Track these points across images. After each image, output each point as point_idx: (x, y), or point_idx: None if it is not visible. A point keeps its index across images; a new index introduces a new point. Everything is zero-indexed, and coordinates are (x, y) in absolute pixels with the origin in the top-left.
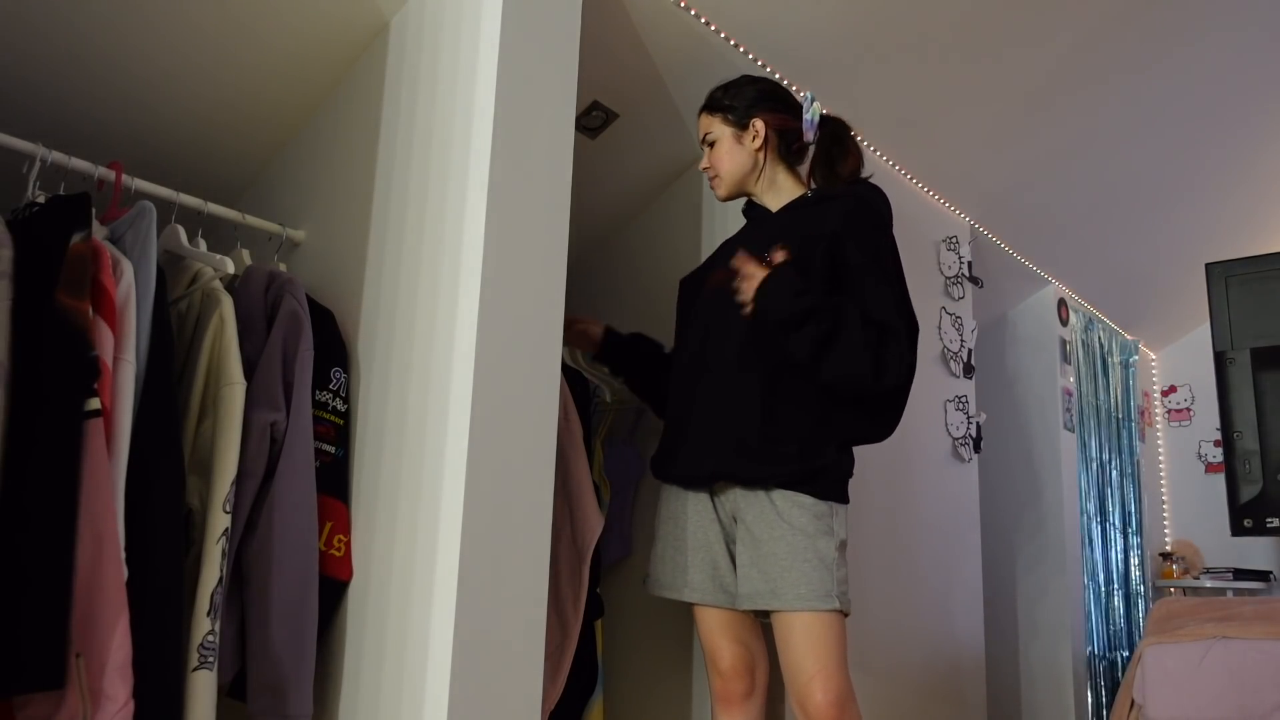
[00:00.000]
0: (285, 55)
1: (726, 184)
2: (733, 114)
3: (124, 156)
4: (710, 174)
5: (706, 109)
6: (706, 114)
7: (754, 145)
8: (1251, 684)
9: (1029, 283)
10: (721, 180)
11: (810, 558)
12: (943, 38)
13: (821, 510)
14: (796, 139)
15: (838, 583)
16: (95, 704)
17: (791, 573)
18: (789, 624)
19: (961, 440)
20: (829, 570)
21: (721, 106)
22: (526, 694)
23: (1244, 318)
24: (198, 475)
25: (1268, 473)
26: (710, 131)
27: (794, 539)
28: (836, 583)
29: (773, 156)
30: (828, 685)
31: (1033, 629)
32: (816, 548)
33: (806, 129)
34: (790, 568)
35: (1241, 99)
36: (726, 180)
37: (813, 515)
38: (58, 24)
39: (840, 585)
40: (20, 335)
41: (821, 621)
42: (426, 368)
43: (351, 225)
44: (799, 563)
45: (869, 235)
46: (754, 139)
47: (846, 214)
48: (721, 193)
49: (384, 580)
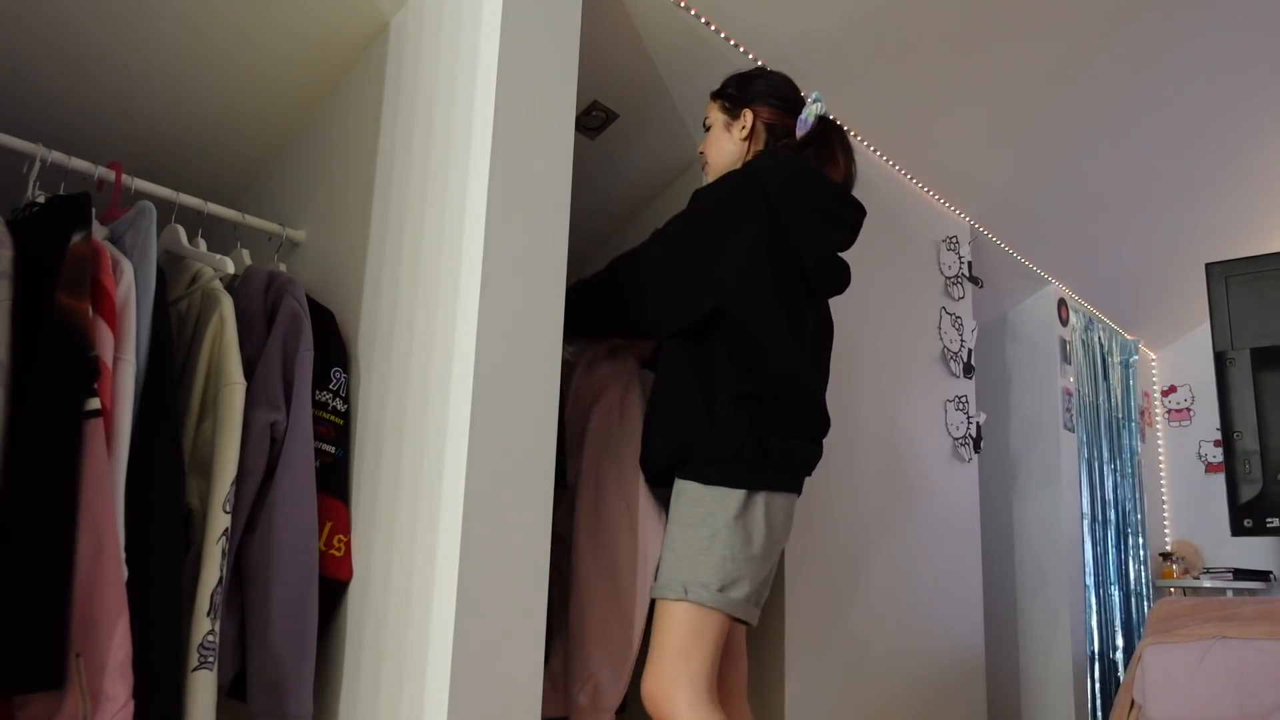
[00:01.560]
0: (285, 55)
1: (712, 170)
2: (729, 101)
3: (124, 156)
4: (702, 160)
5: (714, 95)
6: (712, 100)
7: (740, 135)
8: (1251, 684)
9: (1029, 283)
10: (710, 166)
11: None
12: (943, 38)
13: (702, 497)
14: (786, 135)
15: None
16: (95, 704)
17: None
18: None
19: (961, 440)
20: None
21: (724, 94)
22: (526, 694)
23: (1244, 317)
24: (198, 475)
25: (1268, 473)
26: (709, 116)
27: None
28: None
29: (757, 149)
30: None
31: (1033, 629)
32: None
33: (800, 125)
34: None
35: (1242, 99)
36: (712, 166)
37: (688, 502)
38: (58, 24)
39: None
40: (20, 335)
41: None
42: (426, 368)
43: (351, 225)
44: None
45: (691, 203)
46: (741, 129)
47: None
48: (708, 178)
49: (384, 580)
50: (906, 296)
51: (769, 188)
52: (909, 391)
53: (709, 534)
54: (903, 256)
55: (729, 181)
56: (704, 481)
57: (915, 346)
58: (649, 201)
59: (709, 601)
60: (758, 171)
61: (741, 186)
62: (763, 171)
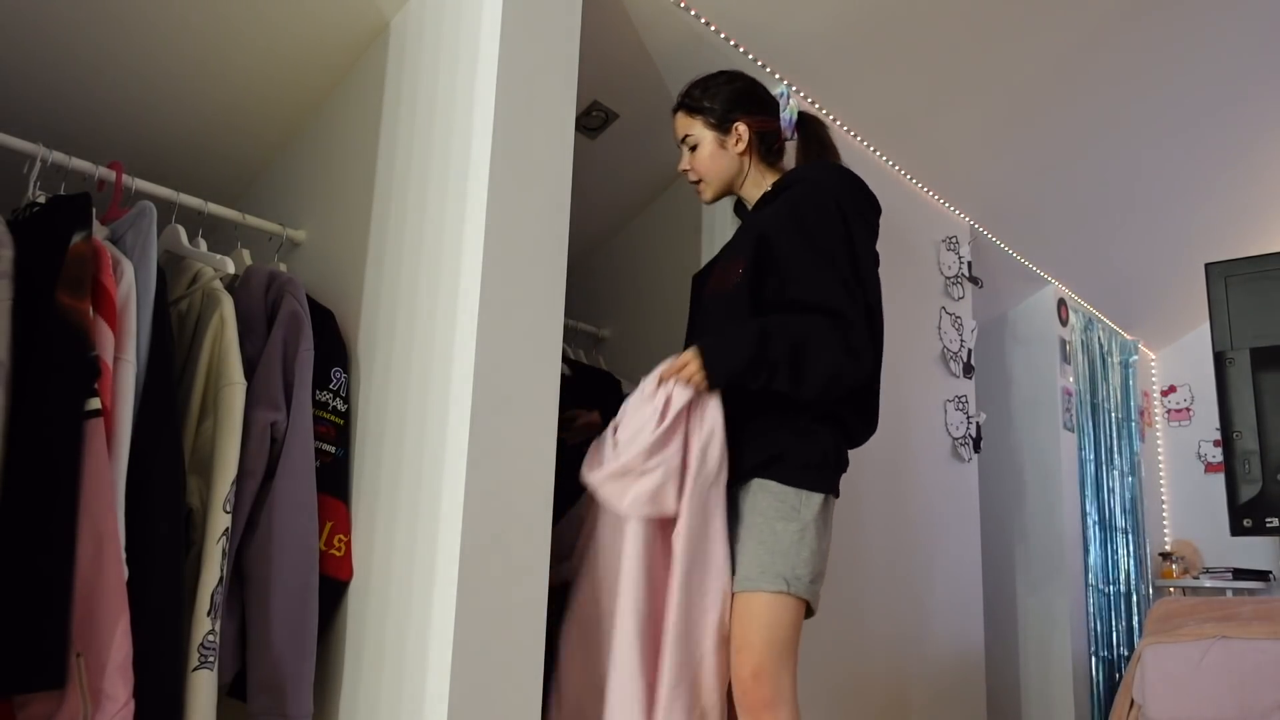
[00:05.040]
0: (286, 55)
1: (714, 188)
2: (713, 116)
3: (124, 156)
4: (693, 178)
5: (685, 109)
6: (685, 114)
7: (737, 150)
8: (1251, 684)
9: (1029, 283)
10: (708, 184)
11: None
12: (943, 38)
13: (789, 496)
14: (776, 139)
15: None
16: (96, 703)
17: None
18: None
19: (961, 440)
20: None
21: (701, 109)
22: (526, 694)
23: (1243, 318)
24: (198, 475)
25: (1267, 473)
26: (690, 134)
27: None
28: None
29: (755, 158)
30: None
31: (1032, 629)
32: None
33: (785, 127)
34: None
35: (1242, 99)
36: (714, 185)
37: (776, 499)
38: (58, 23)
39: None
40: (21, 335)
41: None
42: (426, 368)
43: (351, 225)
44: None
45: (805, 218)
46: (736, 143)
47: (790, 202)
48: (708, 196)
49: (384, 580)
50: (906, 296)
51: (842, 204)
52: (909, 391)
53: (799, 529)
54: (902, 256)
55: (826, 189)
56: (793, 484)
57: (915, 346)
58: (649, 201)
59: (804, 594)
60: (824, 186)
61: (837, 195)
62: (829, 185)
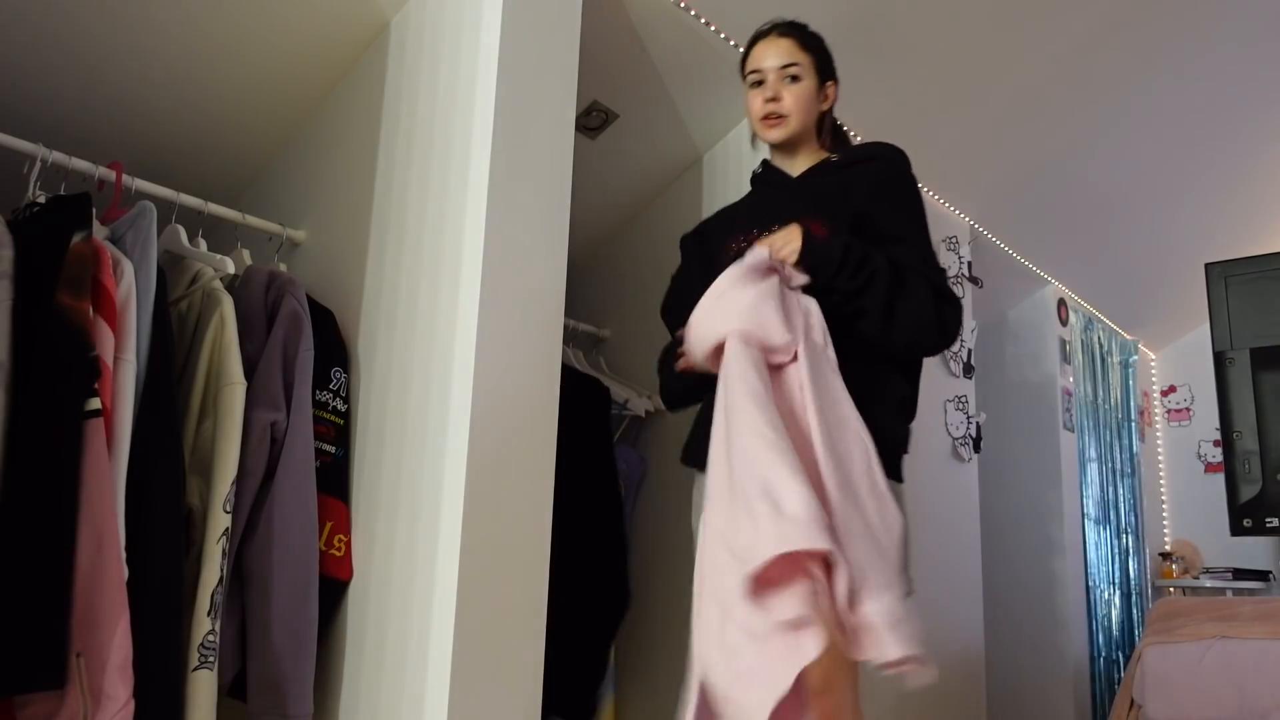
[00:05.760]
0: (286, 55)
1: (790, 129)
2: (823, 63)
3: (124, 156)
4: (777, 109)
5: (798, 39)
6: (797, 44)
7: (823, 107)
8: (1251, 684)
9: (1029, 283)
10: (788, 123)
11: None
12: (942, 38)
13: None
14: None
15: None
16: (96, 703)
17: None
18: None
19: (961, 440)
20: None
21: (813, 48)
22: (526, 694)
23: (1243, 318)
24: (198, 475)
25: (1267, 473)
26: (798, 64)
27: None
28: None
29: (824, 125)
30: None
31: (1032, 629)
32: None
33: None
34: None
35: (1241, 99)
36: (793, 126)
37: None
38: (59, 22)
39: None
40: (21, 335)
41: None
42: (426, 368)
43: (351, 225)
44: None
45: (905, 198)
46: (824, 100)
47: (879, 177)
48: (779, 135)
49: (384, 580)
50: None
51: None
52: None
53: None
54: None
55: (908, 171)
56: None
57: None
58: (649, 202)
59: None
60: (908, 169)
61: (915, 186)
62: (909, 169)
